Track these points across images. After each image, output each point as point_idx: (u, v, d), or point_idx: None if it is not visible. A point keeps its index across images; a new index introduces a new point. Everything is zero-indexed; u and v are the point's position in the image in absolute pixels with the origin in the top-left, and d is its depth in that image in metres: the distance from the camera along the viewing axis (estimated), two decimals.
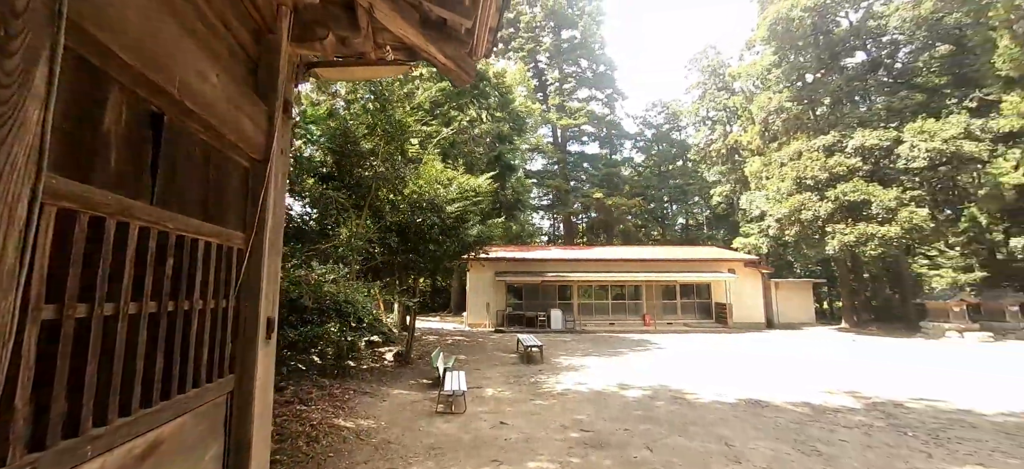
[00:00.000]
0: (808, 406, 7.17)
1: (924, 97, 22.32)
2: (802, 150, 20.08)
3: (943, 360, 11.88)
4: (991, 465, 4.83)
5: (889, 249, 17.62)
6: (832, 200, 18.14)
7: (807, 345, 15.06)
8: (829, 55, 22.93)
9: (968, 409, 6.96)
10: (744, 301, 21.31)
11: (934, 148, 16.72)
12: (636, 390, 8.26)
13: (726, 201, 31.85)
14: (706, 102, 35.01)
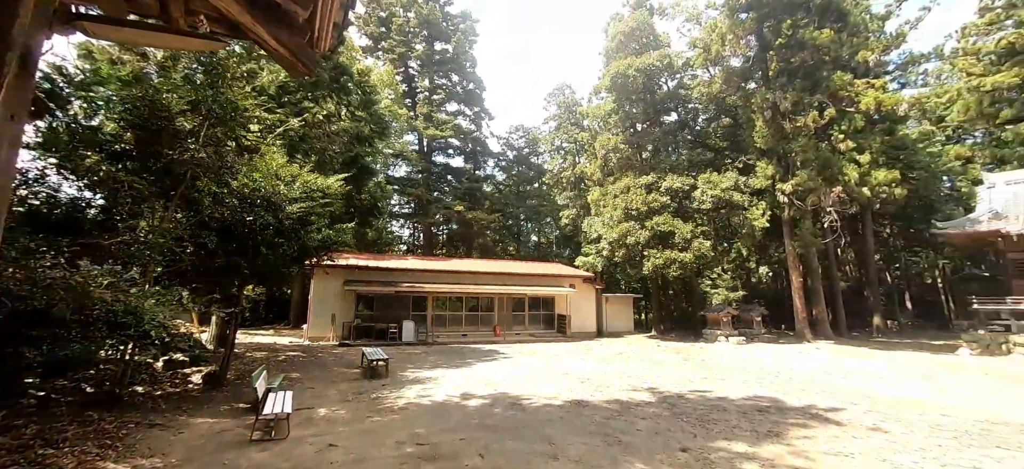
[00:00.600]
0: (618, 403, 8.40)
1: (712, 155, 28.78)
2: (630, 185, 23.80)
3: (712, 359, 15.23)
4: (732, 437, 6.34)
5: (685, 271, 22.00)
6: (649, 229, 21.91)
7: (626, 350, 17.68)
8: (653, 111, 27.88)
9: (723, 396, 9.06)
10: (581, 313, 24.03)
11: (716, 195, 21.64)
12: (478, 399, 8.54)
13: (572, 224, 35.68)
14: (561, 133, 38.93)
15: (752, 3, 21.73)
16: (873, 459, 5.46)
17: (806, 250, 22.28)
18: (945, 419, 7.38)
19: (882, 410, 7.96)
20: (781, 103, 20.81)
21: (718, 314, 21.56)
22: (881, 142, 21.69)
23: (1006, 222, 16.50)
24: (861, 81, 20.19)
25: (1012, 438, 6.35)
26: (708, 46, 23.60)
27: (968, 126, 29.60)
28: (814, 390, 9.77)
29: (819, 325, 22.39)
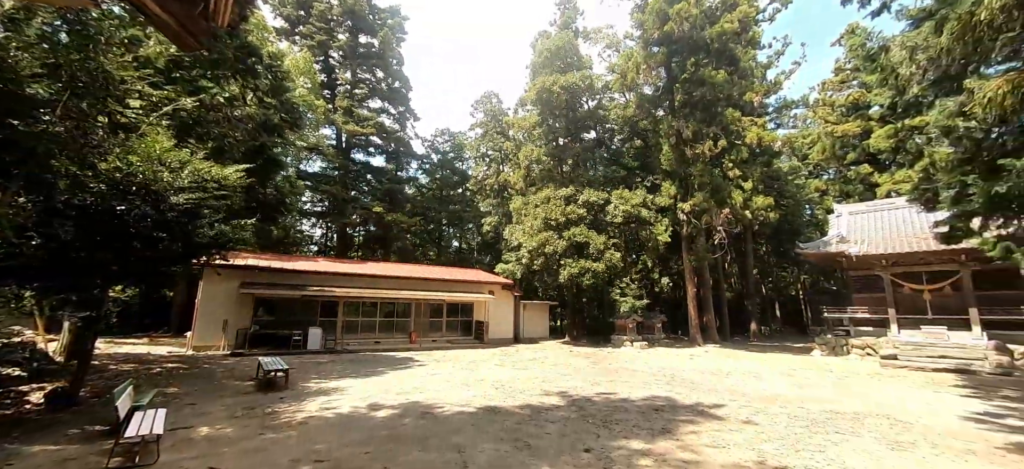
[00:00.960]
0: (530, 408, 8.60)
1: (625, 173, 31.00)
2: (550, 197, 24.74)
3: (619, 363, 16.29)
4: (631, 436, 6.81)
5: (598, 280, 23.35)
6: (566, 240, 22.93)
7: (541, 355, 18.21)
8: (574, 127, 29.36)
9: (625, 397, 9.72)
10: (499, 319, 24.28)
11: (627, 210, 23.35)
12: (387, 409, 8.19)
13: (494, 231, 36.07)
14: (486, 141, 39.28)
15: (663, 39, 23.93)
16: (744, 448, 6.22)
17: (700, 263, 24.90)
18: (801, 410, 8.66)
19: (754, 405, 9.11)
20: (684, 131, 23.16)
21: (625, 321, 23.16)
22: (761, 172, 25.10)
23: (849, 245, 19.99)
24: (747, 118, 23.22)
25: (846, 424, 7.65)
26: (625, 73, 25.49)
27: (824, 164, 35.50)
28: (702, 389, 10.90)
29: (708, 331, 25.10)
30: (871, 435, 7.04)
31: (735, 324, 30.42)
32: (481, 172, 39.85)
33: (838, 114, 32.92)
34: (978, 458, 6.00)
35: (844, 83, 34.02)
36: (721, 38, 22.68)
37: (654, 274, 30.81)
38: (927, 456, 6.07)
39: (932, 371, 14.60)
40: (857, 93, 31.87)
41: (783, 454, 6.01)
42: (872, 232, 20.85)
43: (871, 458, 5.94)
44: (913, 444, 6.59)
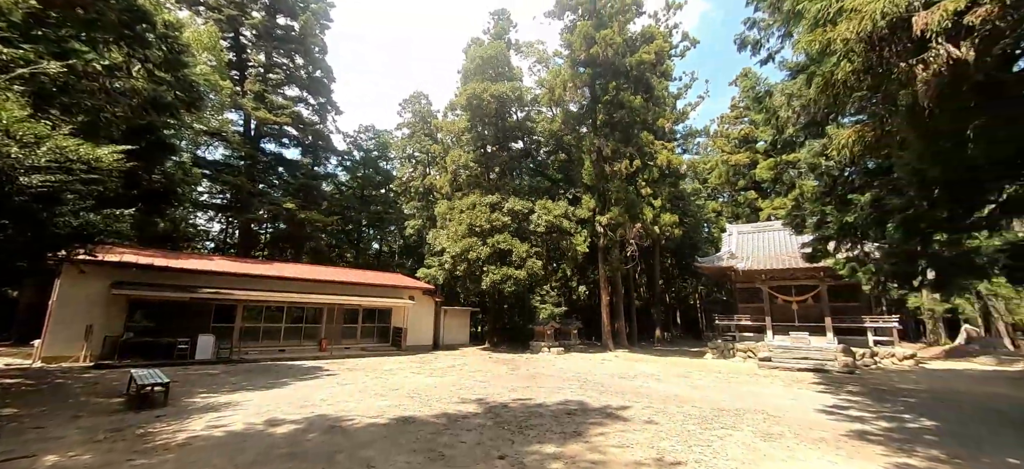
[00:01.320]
0: (446, 416, 8.47)
1: (550, 184, 32.13)
2: (476, 203, 24.78)
3: (536, 368, 16.71)
4: (544, 440, 7.00)
5: (519, 288, 23.82)
6: (490, 246, 23.10)
7: (460, 362, 18.04)
8: (503, 136, 29.82)
9: (540, 403, 9.99)
10: (419, 325, 23.67)
11: (550, 220, 24.21)
12: (289, 425, 7.55)
13: (417, 234, 35.18)
14: (413, 142, 38.32)
15: (588, 61, 25.32)
16: (646, 447, 6.71)
17: (614, 274, 26.56)
18: (694, 409, 9.58)
19: (655, 406, 9.89)
20: (604, 149, 24.66)
21: (543, 327, 23.88)
22: (669, 192, 27.58)
23: (737, 261, 22.69)
24: (659, 142, 25.40)
25: (730, 420, 8.62)
26: (553, 89, 26.51)
27: (720, 188, 39.99)
28: (611, 392, 11.58)
29: (619, 337, 26.82)
30: (749, 428, 8.00)
31: (642, 330, 32.88)
32: (406, 173, 38.73)
33: (732, 145, 37.38)
34: (827, 445, 7.11)
35: (738, 119, 38.76)
36: (639, 67, 24.62)
37: (572, 282, 32.22)
38: (791, 445, 7.04)
39: (797, 371, 17.03)
40: (747, 128, 36.48)
41: (678, 450, 6.59)
42: (755, 250, 23.89)
43: (748, 449, 6.75)
44: (781, 435, 7.61)
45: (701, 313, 43.86)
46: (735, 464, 6.03)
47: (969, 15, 3.92)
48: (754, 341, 21.47)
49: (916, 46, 4.30)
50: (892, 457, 6.53)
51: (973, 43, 4.00)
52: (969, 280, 10.91)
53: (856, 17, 4.32)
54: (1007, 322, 25.52)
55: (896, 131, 5.24)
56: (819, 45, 4.64)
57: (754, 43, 13.33)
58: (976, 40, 3.99)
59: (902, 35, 4.32)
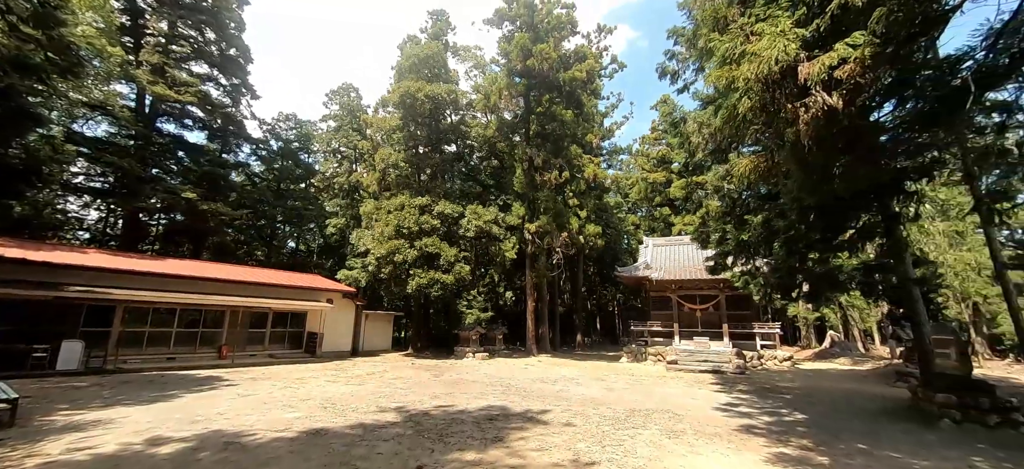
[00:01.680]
0: (362, 427, 8.04)
1: (481, 190, 32.22)
2: (405, 204, 24.06)
3: (460, 374, 16.57)
4: (465, 447, 6.92)
5: (446, 292, 23.50)
6: (418, 249, 22.53)
7: (380, 369, 17.30)
8: (436, 138, 29.33)
9: (463, 409, 9.89)
10: (337, 330, 22.34)
11: (480, 225, 24.24)
12: (175, 444, 6.67)
13: (340, 233, 33.25)
14: (340, 136, 36.24)
15: (524, 72, 25.90)
16: (563, 449, 6.92)
17: (540, 280, 27.27)
18: (609, 411, 10.10)
19: (574, 408, 10.27)
20: (536, 158, 25.32)
21: (469, 332, 23.78)
22: (594, 204, 29.04)
23: (651, 271, 24.48)
24: (587, 156, 26.66)
25: (640, 420, 9.21)
26: (488, 95, 26.68)
27: (639, 203, 42.93)
28: (532, 396, 11.82)
29: (542, 342, 27.54)
30: (656, 427, 8.61)
31: (564, 335, 34.11)
32: (330, 168, 36.52)
33: (651, 164, 40.40)
34: (721, 439, 7.88)
35: (656, 140, 42.01)
36: (572, 83, 25.70)
37: (500, 288, 32.49)
38: (691, 440, 7.70)
39: (698, 372, 18.72)
40: (664, 150, 39.70)
41: (593, 451, 6.89)
42: (668, 261, 25.96)
43: (655, 446, 7.25)
44: (683, 432, 8.29)
45: (618, 319, 46.59)
46: (643, 461, 6.45)
47: (838, 70, 4.70)
48: (664, 345, 23.27)
49: (800, 91, 5.04)
50: (772, 447, 7.41)
51: (841, 94, 4.78)
52: (833, 293, 12.84)
53: (756, 60, 4.95)
54: (860, 329, 30.42)
55: (782, 163, 6.08)
56: (726, 80, 5.23)
57: (673, 73, 14.60)
58: (843, 91, 4.79)
59: (790, 81, 5.03)
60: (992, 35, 6.72)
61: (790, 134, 5.42)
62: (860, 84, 4.73)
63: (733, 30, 5.61)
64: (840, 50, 4.64)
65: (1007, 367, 20.57)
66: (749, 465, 6.45)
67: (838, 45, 4.68)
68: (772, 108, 5.32)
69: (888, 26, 4.36)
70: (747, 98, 5.37)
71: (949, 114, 6.63)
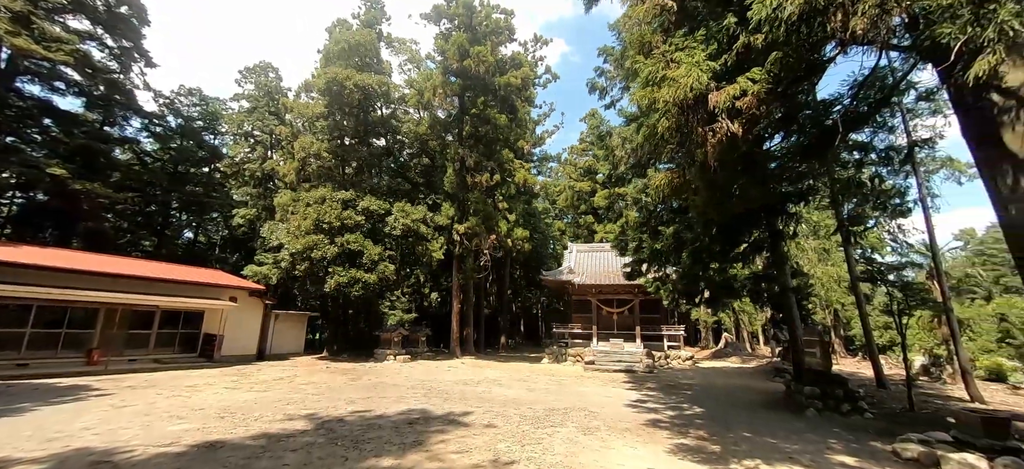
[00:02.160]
0: (266, 437, 7.38)
1: (410, 187, 31.33)
2: (327, 197, 22.59)
3: (379, 378, 15.89)
4: (382, 453, 6.65)
5: (368, 292, 22.45)
6: (339, 246, 21.27)
7: (290, 374, 16.02)
8: (364, 130, 27.94)
9: (381, 414, 9.51)
10: (241, 332, 20.35)
11: (407, 224, 23.52)
12: (25, 466, 5.58)
13: (249, 225, 30.27)
14: (254, 118, 33.01)
15: (460, 72, 25.69)
16: (484, 450, 6.94)
17: (467, 282, 27.18)
18: (530, 410, 10.33)
19: (495, 409, 10.36)
20: (468, 159, 25.22)
21: (390, 334, 22.97)
22: (523, 208, 29.64)
23: (574, 276, 25.56)
24: (518, 161, 27.11)
25: (558, 418, 9.55)
26: (422, 91, 26.07)
27: (566, 210, 44.62)
28: (454, 399, 11.71)
29: (467, 344, 27.44)
30: (573, 424, 8.99)
31: (489, 337, 34.32)
32: (241, 154, 33.12)
33: (578, 174, 42.25)
34: (631, 433, 8.44)
35: (584, 151, 44.06)
36: (507, 88, 26.03)
37: (425, 289, 31.82)
38: (604, 436, 8.14)
39: (613, 371, 19.89)
40: (591, 161, 41.76)
41: (513, 450, 7.00)
42: (589, 267, 27.29)
43: (571, 443, 7.56)
44: (597, 428, 8.74)
45: (542, 322, 47.96)
46: (560, 458, 6.69)
47: (739, 101, 5.35)
48: (583, 346, 24.39)
49: (709, 117, 5.65)
50: (674, 439, 8.10)
51: (741, 122, 5.44)
52: (729, 299, 14.41)
53: (674, 85, 5.46)
54: (749, 331, 34.46)
55: (692, 180, 6.74)
56: (648, 100, 5.69)
57: (601, 89, 15.43)
58: (743, 120, 5.45)
59: (701, 107, 5.61)
60: (856, 85, 8.06)
61: (699, 154, 6.04)
62: (756, 115, 5.43)
63: (656, 55, 6.12)
64: (741, 83, 5.29)
65: (857, 363, 24.57)
66: (654, 456, 6.98)
67: (740, 79, 5.33)
68: (685, 130, 5.89)
69: (781, 67, 5.07)
70: (665, 119, 5.89)
71: (822, 149, 7.81)
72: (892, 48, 6.12)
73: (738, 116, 5.44)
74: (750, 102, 5.22)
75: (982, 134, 5.58)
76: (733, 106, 5.34)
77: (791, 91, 6.12)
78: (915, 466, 6.53)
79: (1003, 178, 5.36)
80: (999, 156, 5.38)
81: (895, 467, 6.61)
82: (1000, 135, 5.36)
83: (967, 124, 5.78)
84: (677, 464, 6.64)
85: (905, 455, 6.85)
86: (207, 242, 36.96)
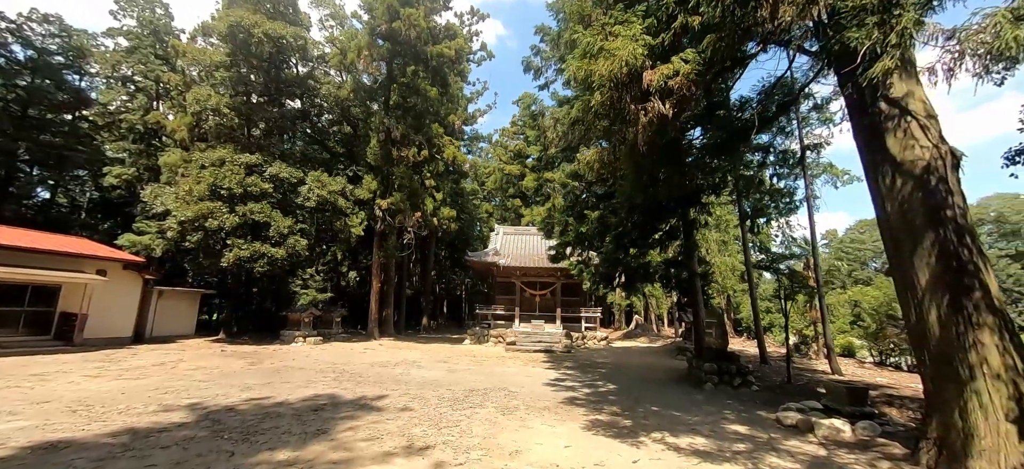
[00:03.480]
0: (131, 433, 6.20)
1: (329, 157, 28.93)
2: (227, 160, 19.90)
3: (285, 361, 14.51)
4: (278, 446, 5.89)
5: (276, 268, 20.37)
6: (240, 216, 18.92)
7: (174, 359, 14.01)
8: (276, 88, 24.96)
9: (282, 401, 8.56)
10: (113, 311, 17.41)
11: (323, 195, 21.60)
12: None
13: (126, 187, 25.80)
14: (134, 61, 27.90)
15: (389, 35, 23.93)
16: (397, 436, 6.48)
17: (388, 260, 25.93)
18: (449, 392, 10.00)
19: (413, 392, 9.88)
20: (394, 131, 23.76)
21: (299, 315, 21.24)
22: (450, 188, 28.84)
23: (500, 258, 25.55)
24: (448, 138, 26.19)
25: (478, 399, 9.34)
26: (345, 51, 23.92)
27: (494, 193, 44.49)
28: (368, 382, 11.00)
29: (386, 325, 26.32)
30: (493, 405, 8.84)
31: (411, 318, 33.32)
32: (116, 100, 27.97)
33: (508, 156, 42.20)
34: (549, 411, 8.50)
35: (515, 134, 44.07)
36: (439, 58, 24.81)
37: (343, 267, 29.88)
38: (523, 415, 8.09)
39: (534, 352, 20.28)
40: (521, 144, 41.91)
41: (429, 435, 6.62)
42: (515, 249, 27.47)
43: (490, 424, 7.38)
44: (516, 408, 8.68)
45: (465, 303, 47.77)
46: (478, 440, 6.46)
47: (672, 80, 5.40)
48: (505, 328, 24.59)
49: (643, 96, 5.65)
50: (590, 415, 8.30)
51: (672, 103, 5.52)
52: (645, 283, 15.26)
53: (611, 58, 5.35)
54: (656, 313, 37.38)
55: (621, 161, 6.79)
56: (584, 73, 5.55)
57: (536, 69, 15.21)
58: (674, 100, 5.54)
59: (635, 85, 5.59)
60: (764, 91, 8.68)
61: (630, 134, 6.05)
62: (686, 97, 5.55)
63: (595, 27, 5.98)
64: (675, 63, 5.35)
65: (743, 343, 27.79)
66: (571, 433, 7.05)
67: (674, 59, 5.39)
68: (619, 106, 5.85)
69: (713, 51, 5.20)
70: (600, 94, 5.79)
71: (734, 146, 8.34)
72: (803, 51, 6.61)
73: (670, 97, 5.50)
74: (681, 82, 5.30)
75: (870, 138, 6.22)
76: (665, 85, 5.38)
77: (715, 83, 6.39)
78: (794, 431, 7.34)
79: (884, 178, 6.04)
80: (882, 158, 6.04)
81: (779, 432, 7.38)
82: (884, 140, 6.00)
83: (859, 129, 6.42)
84: (592, 440, 6.76)
85: (786, 422, 7.67)
86: (70, 205, 31.03)
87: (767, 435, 7.18)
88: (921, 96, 5.97)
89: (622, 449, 6.29)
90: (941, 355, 5.37)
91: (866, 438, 6.66)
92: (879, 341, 17.49)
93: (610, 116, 6.04)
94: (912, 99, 5.94)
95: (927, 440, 5.59)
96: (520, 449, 6.13)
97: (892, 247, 6.08)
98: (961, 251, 5.36)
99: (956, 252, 5.36)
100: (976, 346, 5.07)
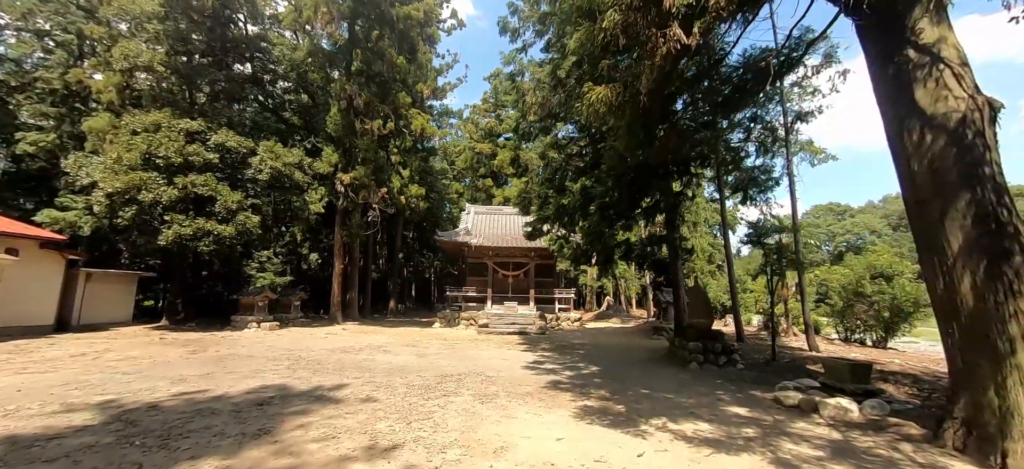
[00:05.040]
0: (9, 441, 4.84)
1: (284, 127, 26.65)
2: (164, 125, 17.63)
3: (232, 349, 13.01)
4: (205, 451, 4.72)
5: (224, 248, 18.45)
6: (180, 188, 16.85)
7: (97, 349, 12.23)
8: (222, 48, 22.48)
9: (222, 394, 7.29)
10: (26, 295, 15.20)
11: (277, 167, 19.68)
12: None
13: (45, 155, 22.73)
14: (50, 10, 24.39)
15: None
16: (357, 433, 5.44)
17: (352, 240, 24.29)
18: (419, 379, 8.99)
19: (378, 379, 8.80)
20: (357, 99, 21.92)
21: (252, 298, 19.50)
22: (419, 165, 27.30)
23: (471, 237, 24.46)
24: (416, 109, 24.58)
25: (452, 386, 8.39)
26: (301, 9, 21.68)
27: (465, 173, 43.08)
28: (327, 370, 9.81)
29: (350, 309, 24.83)
30: (469, 392, 7.91)
31: (377, 302, 31.82)
32: (32, 58, 24.52)
33: (480, 135, 40.80)
34: (533, 398, 7.66)
35: (487, 112, 42.61)
36: (407, 22, 23.02)
37: (303, 248, 27.95)
38: (505, 403, 7.21)
39: (507, 334, 19.50)
40: (493, 122, 40.57)
41: (396, 431, 5.61)
42: (487, 229, 26.43)
43: (468, 415, 6.44)
44: (496, 395, 7.79)
45: (434, 286, 46.48)
46: (455, 435, 5.52)
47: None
48: (477, 310, 23.67)
49: (661, 20, 4.75)
50: (578, 401, 7.52)
51: (701, 27, 4.66)
52: (625, 260, 14.69)
53: None
54: (626, 295, 37.54)
55: (627, 104, 5.90)
56: None
57: (513, 31, 14.04)
58: (701, 24, 4.67)
59: (653, 6, 4.68)
60: (784, 40, 7.94)
61: (645, 69, 5.13)
62: (717, 16, 4.69)
63: None
64: None
65: (721, 323, 28.20)
66: (562, 423, 6.23)
67: None
68: (633, 32, 4.92)
69: None
70: (615, 11, 4.82)
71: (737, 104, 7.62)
72: None
73: (701, 16, 4.61)
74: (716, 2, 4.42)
75: (895, 91, 5.58)
76: (691, 8, 4.48)
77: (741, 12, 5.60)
78: (798, 412, 6.83)
79: (911, 134, 5.41)
80: (909, 112, 5.41)
81: (782, 414, 6.85)
82: (913, 92, 5.36)
83: (881, 81, 5.77)
84: (585, 429, 5.96)
85: (787, 402, 7.17)
86: None
87: (771, 417, 6.63)
88: (954, 42, 5.35)
89: (623, 440, 5.52)
90: (974, 327, 4.85)
91: (877, 418, 6.21)
92: (846, 318, 17.79)
93: (618, 48, 5.12)
94: (944, 45, 5.31)
95: (953, 419, 5.12)
96: (505, 444, 5.23)
97: (917, 210, 5.51)
98: (999, 211, 4.81)
99: (995, 213, 4.81)
100: (1017, 316, 4.56)
